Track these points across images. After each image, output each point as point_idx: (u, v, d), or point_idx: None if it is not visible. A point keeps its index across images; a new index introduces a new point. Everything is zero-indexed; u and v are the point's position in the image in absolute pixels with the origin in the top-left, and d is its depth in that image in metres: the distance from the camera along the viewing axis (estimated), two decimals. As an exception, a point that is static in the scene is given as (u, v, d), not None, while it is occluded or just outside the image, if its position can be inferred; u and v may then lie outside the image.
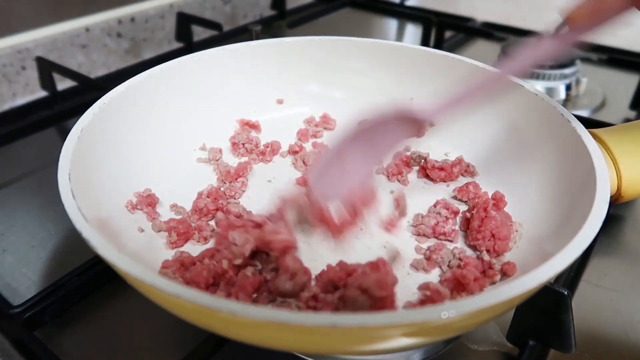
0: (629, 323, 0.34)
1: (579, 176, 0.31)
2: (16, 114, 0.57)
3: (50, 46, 0.62)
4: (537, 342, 0.30)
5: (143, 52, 0.72)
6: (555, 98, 0.58)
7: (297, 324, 0.20)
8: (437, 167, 0.39)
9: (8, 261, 0.38)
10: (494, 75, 0.32)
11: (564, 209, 0.32)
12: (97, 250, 0.24)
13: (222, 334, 0.24)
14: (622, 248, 0.40)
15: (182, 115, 0.42)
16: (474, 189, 0.38)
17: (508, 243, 0.33)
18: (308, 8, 0.89)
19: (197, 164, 0.42)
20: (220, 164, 0.41)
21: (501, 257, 0.33)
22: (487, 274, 0.31)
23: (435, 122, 0.32)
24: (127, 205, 0.34)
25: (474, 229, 0.34)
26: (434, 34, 0.71)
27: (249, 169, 0.40)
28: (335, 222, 0.33)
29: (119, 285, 0.35)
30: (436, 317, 0.20)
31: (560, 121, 0.35)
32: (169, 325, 0.33)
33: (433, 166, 0.40)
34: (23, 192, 0.45)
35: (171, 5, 0.73)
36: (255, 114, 0.46)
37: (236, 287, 0.29)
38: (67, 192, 0.27)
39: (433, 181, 0.40)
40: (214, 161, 0.42)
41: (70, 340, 0.32)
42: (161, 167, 0.39)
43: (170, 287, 0.21)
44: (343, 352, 0.27)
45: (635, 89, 0.58)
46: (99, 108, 0.35)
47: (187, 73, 0.43)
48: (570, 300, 0.28)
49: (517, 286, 0.22)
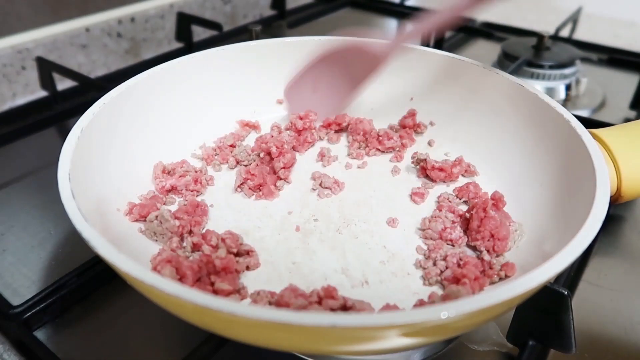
0: (629, 323, 0.34)
1: (579, 176, 0.31)
2: (16, 114, 0.57)
3: (50, 46, 0.62)
4: (537, 342, 0.30)
5: (143, 52, 0.72)
6: (555, 98, 0.58)
7: (297, 324, 0.20)
8: (437, 168, 0.39)
9: (8, 261, 0.38)
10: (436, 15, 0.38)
11: (564, 209, 0.32)
12: (97, 250, 0.24)
13: (222, 334, 0.24)
14: (622, 248, 0.40)
15: (182, 115, 0.42)
16: (474, 188, 0.38)
17: (507, 243, 0.33)
18: (308, 8, 0.89)
19: (197, 164, 0.42)
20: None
21: (501, 257, 0.33)
22: (487, 273, 0.31)
23: (390, 57, 0.40)
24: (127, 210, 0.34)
25: (474, 229, 0.34)
26: (434, 34, 0.71)
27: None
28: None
29: (119, 285, 0.35)
30: (436, 317, 0.20)
31: (560, 121, 0.35)
32: (169, 325, 0.33)
33: (433, 166, 0.39)
34: (23, 192, 0.45)
35: (171, 5, 0.73)
36: (255, 114, 0.46)
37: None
38: (67, 192, 0.27)
39: (433, 181, 0.40)
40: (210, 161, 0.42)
41: (70, 340, 0.32)
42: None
43: (170, 287, 0.21)
44: (343, 352, 0.27)
45: (635, 89, 0.58)
46: (99, 108, 0.35)
47: (187, 73, 0.43)
48: (570, 300, 0.28)
49: (517, 286, 0.22)
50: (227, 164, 0.41)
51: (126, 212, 0.34)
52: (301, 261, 0.33)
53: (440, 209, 0.37)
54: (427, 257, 0.33)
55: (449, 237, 0.34)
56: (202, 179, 0.39)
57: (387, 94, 0.47)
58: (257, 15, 0.87)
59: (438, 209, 0.37)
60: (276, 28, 0.76)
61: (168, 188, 0.37)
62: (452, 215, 0.36)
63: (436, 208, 0.37)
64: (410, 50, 0.45)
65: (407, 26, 0.39)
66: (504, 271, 0.31)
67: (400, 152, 0.43)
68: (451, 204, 0.37)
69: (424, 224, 0.36)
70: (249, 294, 0.30)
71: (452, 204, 0.37)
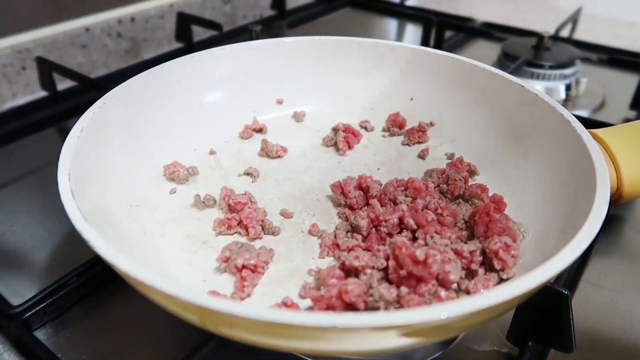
0: (629, 323, 0.34)
1: (579, 176, 0.31)
2: (16, 114, 0.57)
3: (50, 46, 0.62)
4: (537, 342, 0.30)
5: (143, 52, 0.72)
6: (555, 98, 0.57)
7: (297, 324, 0.20)
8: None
9: (8, 261, 0.38)
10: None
11: (564, 209, 0.32)
12: (97, 250, 0.24)
13: (222, 334, 0.24)
14: (622, 248, 0.40)
15: (181, 114, 0.42)
16: (478, 189, 0.38)
17: (517, 245, 0.32)
18: (308, 8, 0.89)
19: (197, 164, 0.42)
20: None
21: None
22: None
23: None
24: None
25: (480, 235, 0.33)
26: (434, 34, 0.71)
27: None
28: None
29: (119, 285, 0.35)
30: (436, 317, 0.20)
31: (560, 121, 0.35)
32: (169, 325, 0.33)
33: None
34: (23, 192, 0.45)
35: (171, 5, 0.73)
36: (255, 114, 0.46)
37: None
38: (67, 192, 0.27)
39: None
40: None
41: (70, 340, 0.32)
42: (161, 167, 0.39)
43: (170, 287, 0.21)
44: (343, 352, 0.27)
45: (635, 89, 0.58)
46: (99, 108, 0.35)
47: (187, 73, 0.43)
48: (570, 300, 0.28)
49: (517, 286, 0.22)
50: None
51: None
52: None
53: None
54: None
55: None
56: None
57: (387, 94, 0.47)
58: (257, 15, 0.87)
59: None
60: (276, 28, 0.76)
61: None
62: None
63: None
64: (411, 50, 0.45)
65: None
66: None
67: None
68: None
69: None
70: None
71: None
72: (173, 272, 0.32)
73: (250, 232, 0.34)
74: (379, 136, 0.46)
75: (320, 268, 0.32)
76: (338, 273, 0.30)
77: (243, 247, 0.32)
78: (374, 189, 0.36)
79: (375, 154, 0.44)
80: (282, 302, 0.29)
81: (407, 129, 0.45)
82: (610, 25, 0.86)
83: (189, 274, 0.32)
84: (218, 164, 0.42)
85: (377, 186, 0.37)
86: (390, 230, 0.33)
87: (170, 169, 0.39)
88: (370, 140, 0.45)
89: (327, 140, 0.45)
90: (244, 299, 0.30)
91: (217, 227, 0.35)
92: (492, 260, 0.30)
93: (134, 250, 0.31)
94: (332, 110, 0.47)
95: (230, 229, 0.35)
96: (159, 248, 0.33)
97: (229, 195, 0.37)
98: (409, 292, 0.28)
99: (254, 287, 0.31)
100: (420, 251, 0.28)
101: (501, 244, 0.30)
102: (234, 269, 0.31)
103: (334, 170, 0.42)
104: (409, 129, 0.45)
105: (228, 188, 0.38)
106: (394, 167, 0.42)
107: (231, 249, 0.32)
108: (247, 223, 0.35)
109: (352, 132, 0.44)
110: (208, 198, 0.37)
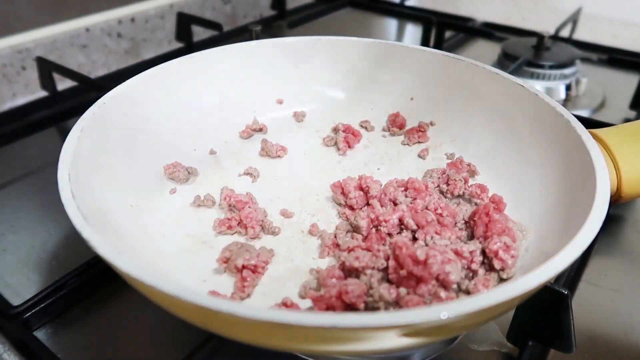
0: (629, 323, 0.34)
1: (579, 176, 0.31)
2: (16, 114, 0.57)
3: (50, 46, 0.62)
4: (537, 342, 0.30)
5: (143, 52, 0.72)
6: (555, 98, 0.58)
7: (297, 324, 0.20)
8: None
9: (8, 261, 0.38)
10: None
11: (564, 209, 0.32)
12: (97, 250, 0.24)
13: (222, 334, 0.24)
14: (622, 248, 0.40)
15: (181, 114, 0.42)
16: (478, 189, 0.38)
17: (517, 246, 0.32)
18: (308, 8, 0.89)
19: (197, 164, 0.42)
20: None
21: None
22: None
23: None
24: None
25: (480, 236, 0.33)
26: (434, 34, 0.71)
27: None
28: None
29: (119, 285, 0.35)
30: (436, 317, 0.20)
31: (560, 121, 0.35)
32: (169, 325, 0.33)
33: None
34: (23, 192, 0.45)
35: (171, 5, 0.73)
36: (255, 114, 0.46)
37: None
38: (67, 192, 0.27)
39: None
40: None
41: (70, 340, 0.32)
42: (161, 167, 0.39)
43: (170, 287, 0.21)
44: (343, 352, 0.27)
45: (635, 89, 0.58)
46: (99, 108, 0.35)
47: (187, 73, 0.43)
48: (570, 300, 0.28)
49: (517, 286, 0.22)
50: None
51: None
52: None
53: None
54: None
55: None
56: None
57: (387, 94, 0.47)
58: (257, 15, 0.87)
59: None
60: (276, 28, 0.76)
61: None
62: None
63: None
64: (411, 50, 0.45)
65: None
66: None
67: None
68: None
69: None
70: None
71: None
72: (173, 272, 0.32)
73: (249, 232, 0.35)
74: (379, 136, 0.46)
75: (320, 268, 0.32)
76: (338, 273, 0.30)
77: (243, 248, 0.32)
78: (374, 189, 0.36)
79: (375, 154, 0.44)
80: (282, 302, 0.29)
81: (407, 129, 0.45)
82: (610, 25, 0.86)
83: (189, 274, 0.32)
84: (218, 164, 0.42)
85: (377, 186, 0.37)
86: (390, 230, 0.33)
87: (170, 169, 0.39)
88: (370, 140, 0.45)
89: (327, 140, 0.45)
90: (244, 299, 0.30)
91: (217, 227, 0.35)
92: (492, 260, 0.30)
93: (134, 251, 0.31)
94: (332, 110, 0.47)
95: (230, 229, 0.35)
96: (159, 248, 0.33)
97: (230, 194, 0.37)
98: (408, 292, 0.28)
99: (254, 287, 0.31)
100: (421, 251, 0.28)
101: (501, 244, 0.30)
102: (234, 270, 0.31)
103: (334, 170, 0.42)
104: (409, 129, 0.45)
105: (229, 188, 0.38)
106: (394, 167, 0.42)
107: (231, 249, 0.32)
108: (247, 223, 0.35)
109: (352, 132, 0.44)
110: (208, 198, 0.37)
